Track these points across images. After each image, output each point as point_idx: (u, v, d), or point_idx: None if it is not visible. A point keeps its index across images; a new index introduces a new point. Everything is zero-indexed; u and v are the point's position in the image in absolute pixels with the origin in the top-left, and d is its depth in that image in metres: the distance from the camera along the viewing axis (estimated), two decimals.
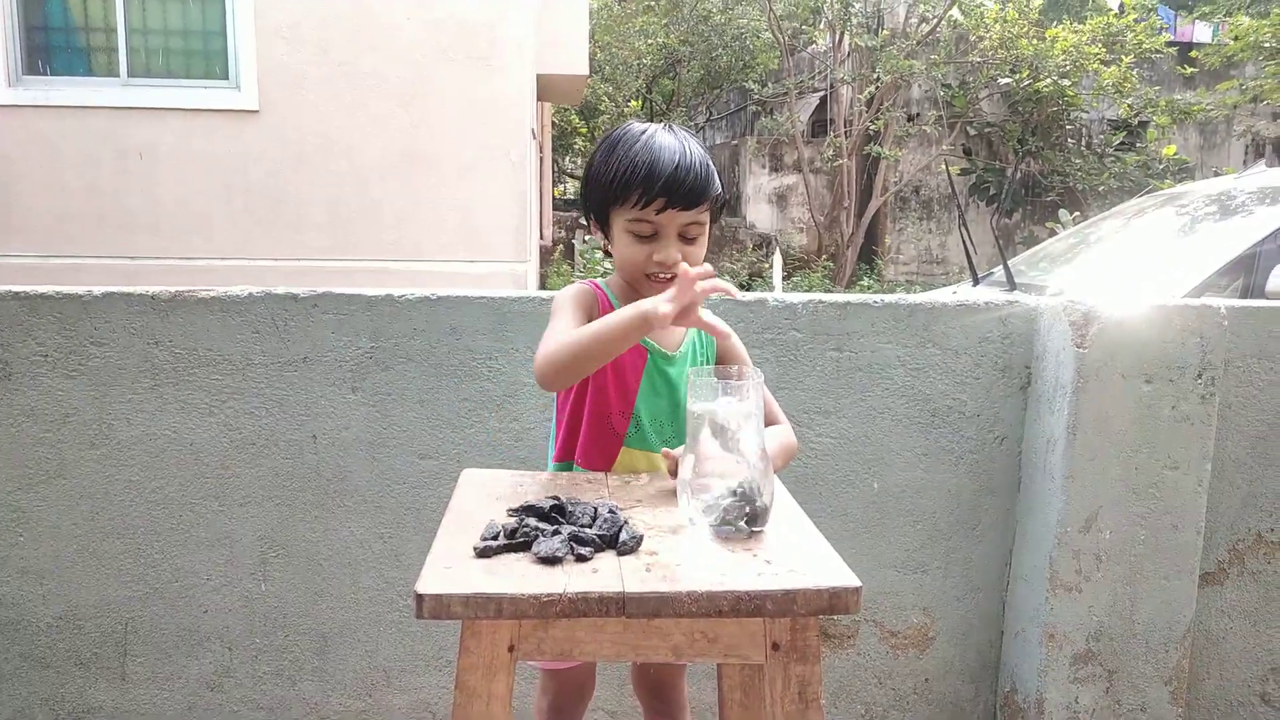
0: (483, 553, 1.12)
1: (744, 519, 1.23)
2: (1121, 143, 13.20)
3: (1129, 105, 12.67)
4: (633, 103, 17.05)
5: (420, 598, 1.02)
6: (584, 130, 18.14)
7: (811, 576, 1.09)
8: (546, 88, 9.74)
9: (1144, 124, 13.02)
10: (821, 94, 15.01)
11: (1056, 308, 2.10)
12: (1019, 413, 2.21)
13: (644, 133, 1.48)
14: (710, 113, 19.06)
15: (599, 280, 1.59)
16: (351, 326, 2.08)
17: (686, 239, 1.48)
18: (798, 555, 1.17)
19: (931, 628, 2.27)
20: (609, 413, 1.53)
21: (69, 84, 6.79)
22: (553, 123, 14.98)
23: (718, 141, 17.90)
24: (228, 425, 2.09)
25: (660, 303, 1.31)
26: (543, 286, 10.05)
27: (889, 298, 2.19)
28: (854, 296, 2.18)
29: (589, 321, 1.49)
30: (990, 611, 2.27)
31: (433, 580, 1.05)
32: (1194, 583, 2.12)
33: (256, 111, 6.80)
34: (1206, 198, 4.66)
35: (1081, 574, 2.09)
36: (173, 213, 6.85)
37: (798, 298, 2.16)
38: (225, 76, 6.84)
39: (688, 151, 1.45)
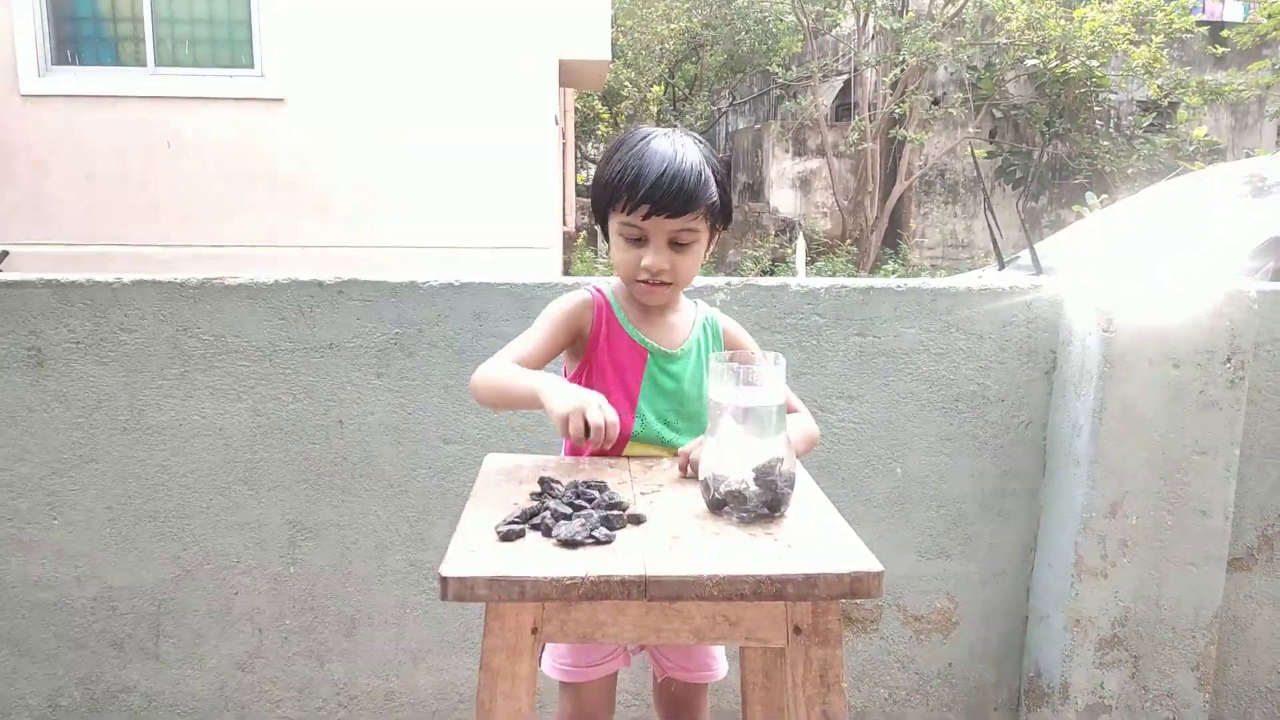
0: (506, 536, 1.13)
1: (766, 504, 1.24)
2: (1151, 124, 13.02)
3: (1159, 86, 12.48)
4: (655, 88, 17.01)
5: (444, 580, 1.03)
6: (606, 116, 18.11)
7: (833, 560, 1.10)
8: (569, 73, 9.72)
9: (1174, 105, 12.83)
10: (845, 77, 14.90)
11: (1083, 292, 2.08)
12: (1044, 398, 2.20)
13: (643, 138, 1.47)
14: (733, 97, 18.96)
15: (606, 288, 1.59)
16: (377, 313, 2.10)
17: (677, 245, 1.47)
18: (819, 539, 1.17)
19: (955, 612, 2.27)
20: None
21: (97, 74, 6.86)
22: (575, 109, 14.96)
23: (740, 126, 17.82)
24: (255, 410, 2.12)
25: (560, 402, 1.31)
26: (567, 272, 10.07)
27: (912, 282, 2.18)
28: (877, 281, 2.18)
29: (568, 338, 1.54)
30: (1014, 596, 2.27)
31: (457, 563, 1.06)
32: (1222, 569, 2.11)
33: (282, 100, 6.85)
34: (1238, 179, 4.59)
35: (1107, 559, 2.08)
36: (200, 200, 6.92)
37: (820, 282, 2.15)
38: (251, 65, 6.89)
39: (679, 158, 1.43)
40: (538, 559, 1.09)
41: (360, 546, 2.18)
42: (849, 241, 13.26)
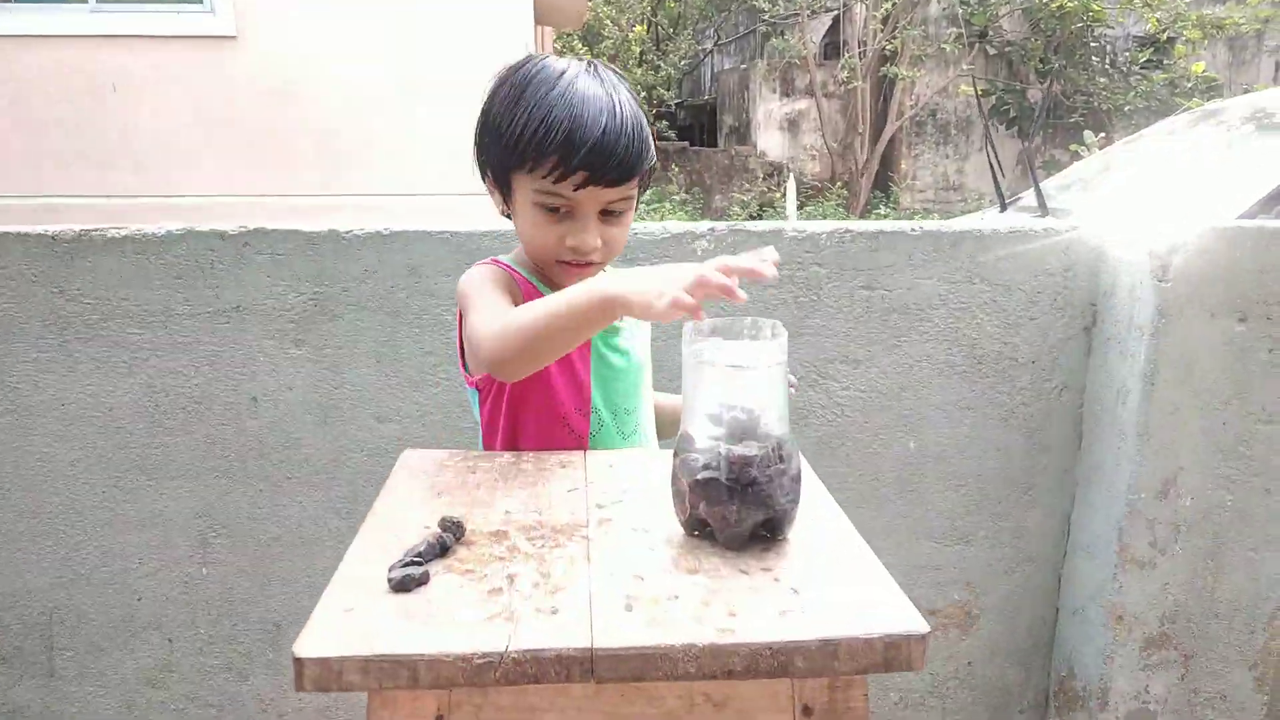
0: (401, 584, 0.81)
1: (762, 525, 0.92)
2: (1148, 60, 12.58)
3: (1157, 20, 12.02)
4: (638, 27, 16.41)
5: (300, 663, 0.71)
6: (587, 57, 17.53)
7: (859, 617, 0.78)
8: (546, 10, 9.21)
9: (1171, 40, 12.39)
10: (834, 13, 14.34)
11: (1131, 236, 1.76)
12: (1081, 359, 1.88)
13: (561, 76, 1.12)
14: (718, 36, 18.34)
15: (505, 259, 1.23)
16: (291, 269, 1.75)
17: (609, 215, 1.15)
18: (838, 579, 0.85)
19: (975, 604, 1.97)
20: (563, 413, 1.20)
21: (32, 10, 6.37)
22: (554, 49, 14.40)
23: (726, 66, 17.24)
24: (151, 387, 1.78)
25: (638, 293, 0.92)
26: None
27: (928, 225, 1.84)
28: (887, 224, 1.84)
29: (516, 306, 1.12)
30: (1044, 586, 1.97)
31: (319, 635, 0.74)
32: None
33: (234, 37, 6.37)
34: (1243, 117, 4.25)
35: (1156, 546, 1.78)
36: (153, 147, 6.47)
37: (821, 226, 1.82)
38: (199, 0, 6.40)
39: (617, 110, 1.10)
40: (442, 622, 0.77)
41: (283, 543, 1.86)
42: (839, 185, 12.85)
